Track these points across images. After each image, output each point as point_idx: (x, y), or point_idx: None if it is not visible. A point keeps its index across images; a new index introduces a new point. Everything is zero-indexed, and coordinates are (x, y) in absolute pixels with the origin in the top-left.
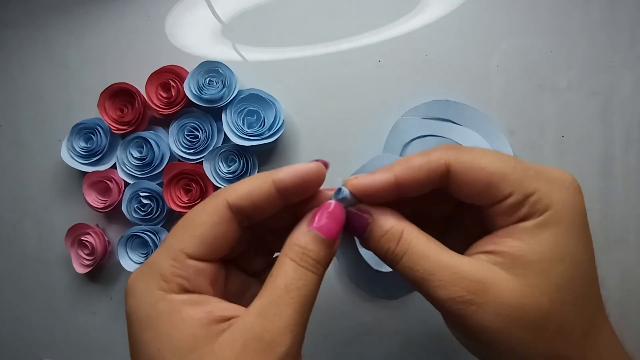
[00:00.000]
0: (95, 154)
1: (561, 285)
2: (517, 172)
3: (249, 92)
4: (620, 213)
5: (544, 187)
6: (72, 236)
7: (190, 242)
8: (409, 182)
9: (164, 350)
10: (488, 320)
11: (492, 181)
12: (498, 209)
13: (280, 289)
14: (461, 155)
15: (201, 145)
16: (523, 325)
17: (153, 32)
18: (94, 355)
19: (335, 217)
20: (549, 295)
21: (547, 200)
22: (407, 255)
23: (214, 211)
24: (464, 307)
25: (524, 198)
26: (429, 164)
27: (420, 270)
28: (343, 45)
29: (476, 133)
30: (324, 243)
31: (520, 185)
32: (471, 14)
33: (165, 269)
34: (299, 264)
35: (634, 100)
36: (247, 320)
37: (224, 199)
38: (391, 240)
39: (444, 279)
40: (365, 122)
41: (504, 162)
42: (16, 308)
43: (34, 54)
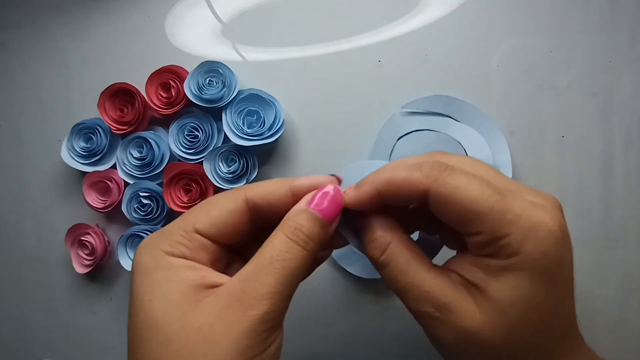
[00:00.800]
0: (95, 154)
1: (517, 324)
2: (493, 214)
3: (249, 92)
4: (620, 213)
5: (517, 233)
6: (72, 236)
7: (202, 219)
8: (390, 196)
9: (155, 301)
10: (447, 337)
11: (465, 217)
12: (469, 239)
13: (266, 259)
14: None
15: (201, 145)
16: (477, 350)
17: (153, 32)
18: (94, 355)
19: (334, 200)
20: (502, 333)
21: (515, 247)
22: (390, 267)
23: (232, 200)
24: (429, 321)
25: (492, 240)
26: (410, 185)
27: (398, 283)
28: (343, 45)
29: (474, 130)
30: (318, 221)
31: (492, 228)
32: (471, 14)
33: (173, 236)
34: (289, 237)
35: (634, 100)
36: (230, 284)
37: (244, 193)
38: (377, 249)
39: (416, 295)
40: (366, 122)
41: (483, 201)
42: (16, 308)
43: (34, 54)
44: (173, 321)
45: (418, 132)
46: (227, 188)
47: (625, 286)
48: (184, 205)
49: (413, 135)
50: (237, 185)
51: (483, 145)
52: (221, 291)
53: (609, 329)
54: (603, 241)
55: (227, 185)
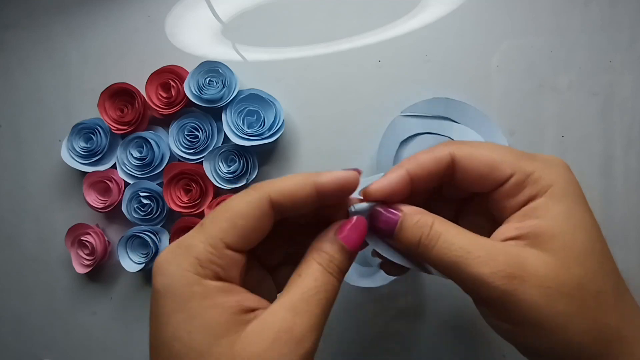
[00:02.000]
0: (95, 154)
1: (587, 252)
2: (513, 156)
3: (249, 92)
4: (620, 213)
5: (541, 167)
6: (72, 236)
7: (231, 232)
8: (420, 174)
9: (196, 333)
10: (532, 295)
11: (492, 164)
12: (502, 191)
13: (311, 289)
14: (462, 145)
15: (201, 145)
16: (565, 297)
17: (153, 32)
18: (94, 355)
19: (360, 230)
20: (579, 263)
21: (548, 178)
22: (442, 237)
23: (257, 205)
24: (507, 281)
25: (525, 177)
26: (435, 155)
27: (458, 250)
28: (343, 45)
29: (475, 132)
30: (347, 253)
31: (519, 166)
32: (471, 14)
33: (202, 254)
34: (326, 269)
35: (634, 100)
36: (279, 314)
37: (267, 195)
38: (424, 226)
39: (483, 255)
40: (365, 122)
41: (500, 149)
42: (16, 308)
43: (34, 54)
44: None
45: (419, 136)
46: (227, 188)
47: None
48: (184, 205)
49: (414, 138)
50: (237, 185)
51: None
52: (267, 320)
53: None
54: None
55: (227, 185)
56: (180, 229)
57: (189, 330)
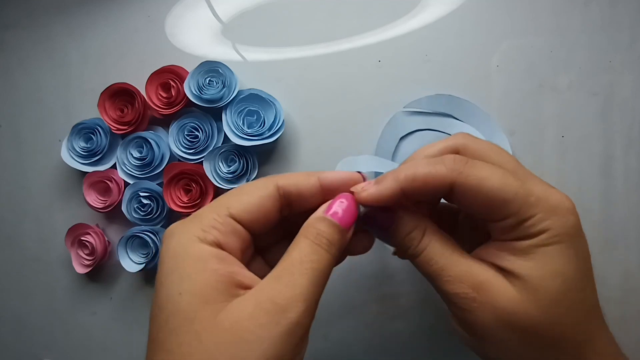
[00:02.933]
0: (95, 154)
1: (554, 302)
2: (517, 199)
3: (249, 92)
4: (620, 213)
5: (541, 214)
6: (72, 236)
7: (235, 203)
8: (413, 192)
9: (185, 294)
10: (487, 319)
11: (492, 205)
12: (495, 226)
13: (296, 260)
14: (468, 175)
15: (201, 145)
16: (516, 331)
17: (153, 32)
18: (94, 355)
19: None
20: (541, 309)
21: (542, 226)
22: (426, 252)
23: (264, 186)
24: (468, 302)
25: (520, 222)
26: (435, 179)
27: (434, 266)
28: (343, 45)
29: (477, 131)
30: (336, 227)
31: (518, 211)
32: (471, 14)
33: (205, 220)
34: (314, 242)
35: (634, 100)
36: (262, 285)
37: (275, 180)
38: (414, 239)
39: (453, 276)
40: (366, 122)
41: (507, 188)
42: (16, 308)
43: (34, 54)
44: (204, 317)
45: (420, 132)
46: (227, 188)
47: (625, 286)
48: (184, 205)
49: (415, 134)
50: (237, 185)
51: None
52: (252, 292)
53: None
54: (603, 241)
55: (227, 185)
56: None
57: (180, 292)
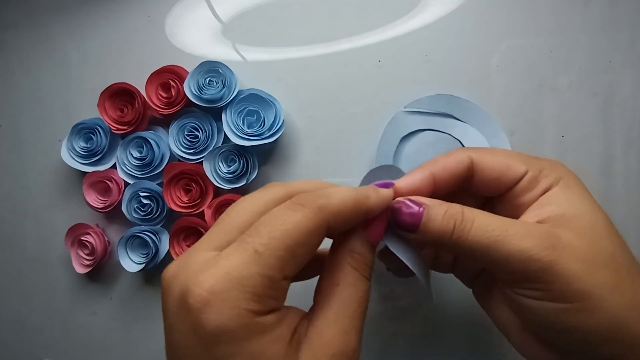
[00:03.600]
0: (95, 154)
1: (609, 230)
2: (524, 157)
3: (249, 92)
4: (620, 213)
5: (548, 164)
6: (72, 236)
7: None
8: (443, 176)
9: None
10: (573, 266)
11: (508, 163)
12: (519, 187)
13: (354, 302)
14: (478, 150)
15: (201, 145)
16: (603, 269)
17: (153, 32)
18: (94, 355)
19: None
20: (607, 238)
21: (558, 172)
22: (477, 221)
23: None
24: (550, 252)
25: (538, 172)
26: (456, 158)
27: (495, 229)
28: (343, 45)
29: (477, 131)
30: (373, 249)
31: (531, 164)
32: (471, 14)
33: (259, 289)
34: (362, 274)
35: (634, 100)
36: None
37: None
38: (456, 213)
39: (520, 232)
40: (365, 122)
41: (512, 153)
42: (16, 308)
43: (34, 54)
44: None
45: (420, 132)
46: (227, 188)
47: None
48: (184, 205)
49: (415, 134)
50: (237, 185)
51: (483, 145)
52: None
53: None
54: None
55: (227, 185)
56: (180, 229)
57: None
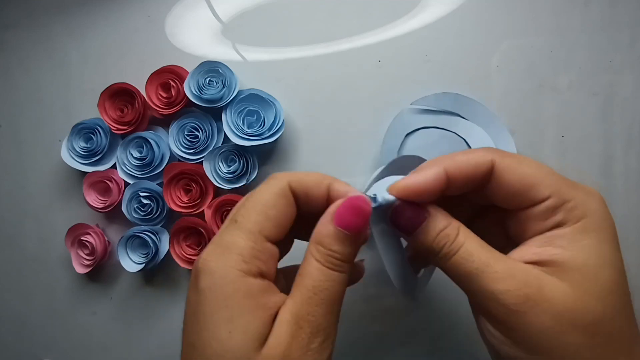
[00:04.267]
0: (95, 154)
1: (610, 290)
2: (555, 179)
3: (249, 92)
4: (620, 213)
5: (580, 196)
6: (72, 236)
7: (267, 224)
8: (457, 176)
9: (236, 333)
10: (544, 320)
11: (533, 183)
12: (533, 212)
13: (310, 290)
14: (505, 156)
15: (201, 145)
16: (577, 329)
17: (153, 32)
18: (94, 355)
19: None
20: (600, 300)
21: (584, 209)
22: (464, 248)
23: (282, 194)
24: (521, 301)
25: (561, 203)
26: (476, 159)
27: (477, 261)
28: (343, 45)
29: (482, 130)
30: (348, 240)
31: (559, 190)
32: (471, 14)
33: (245, 250)
34: (325, 265)
35: (634, 100)
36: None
37: (287, 182)
38: (450, 234)
39: (500, 271)
40: (366, 122)
41: (543, 168)
42: (16, 308)
43: (34, 54)
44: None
45: (426, 129)
46: (227, 188)
47: None
48: (184, 205)
49: (421, 131)
50: (237, 185)
51: (488, 144)
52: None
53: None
54: None
55: (227, 185)
56: (180, 229)
57: (229, 330)
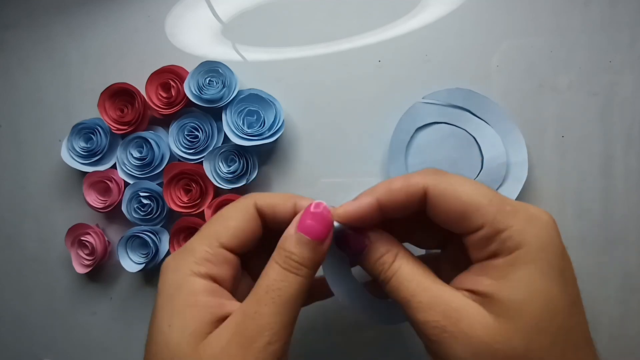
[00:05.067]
0: (95, 154)
1: (537, 327)
2: (492, 206)
3: (249, 92)
4: (620, 213)
5: (518, 224)
6: (72, 236)
7: (224, 232)
8: (390, 204)
9: (174, 327)
10: (460, 351)
11: (465, 211)
12: (471, 240)
13: (262, 289)
14: (440, 181)
15: (201, 145)
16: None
17: (153, 32)
18: (94, 355)
19: (321, 218)
20: (523, 337)
21: (519, 239)
22: (396, 276)
23: (245, 209)
24: (438, 332)
25: (494, 233)
26: (408, 187)
27: (404, 292)
28: (343, 46)
29: (492, 129)
30: (308, 245)
31: (493, 219)
32: (471, 14)
33: (198, 253)
34: (282, 266)
35: (634, 100)
36: (233, 318)
37: (253, 201)
38: (385, 263)
39: (423, 302)
40: (365, 122)
41: (481, 195)
42: (16, 308)
43: (34, 54)
44: (186, 352)
45: (435, 124)
46: (227, 188)
47: (625, 286)
48: (184, 205)
49: (431, 126)
50: (237, 185)
51: (497, 143)
52: (226, 325)
53: (609, 329)
54: (603, 241)
55: (227, 185)
56: (180, 229)
57: (169, 324)
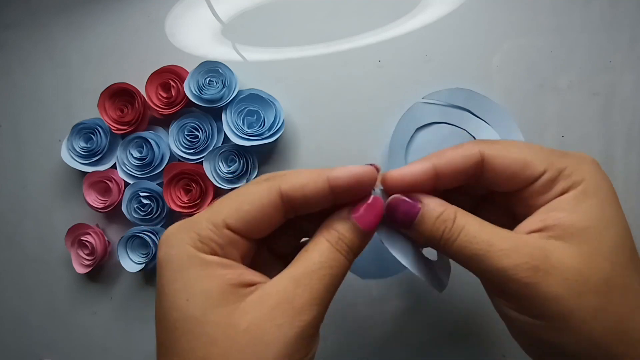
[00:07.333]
0: (95, 154)
1: (616, 248)
2: (545, 153)
3: (249, 92)
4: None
5: (573, 163)
6: (72, 236)
7: (234, 215)
8: (447, 171)
9: (193, 300)
10: (556, 288)
11: (525, 162)
12: (533, 188)
13: (315, 264)
14: (492, 144)
15: (201, 145)
16: (591, 292)
17: (153, 33)
18: (94, 355)
19: (376, 210)
20: (608, 258)
21: (580, 173)
22: (465, 231)
23: (266, 194)
24: (531, 274)
25: (557, 173)
26: (464, 152)
27: (480, 243)
28: (343, 45)
29: (493, 129)
30: (360, 233)
31: (552, 162)
32: (471, 14)
33: (203, 230)
34: (334, 246)
35: (635, 100)
36: (280, 284)
37: (278, 186)
38: (447, 219)
39: (505, 248)
40: (366, 122)
41: (530, 147)
42: (16, 308)
43: (34, 54)
44: (217, 321)
45: (436, 124)
46: (227, 188)
47: None
48: (184, 205)
49: (431, 126)
50: (237, 185)
51: None
52: (267, 290)
53: None
54: None
55: (227, 185)
56: None
57: (186, 298)
